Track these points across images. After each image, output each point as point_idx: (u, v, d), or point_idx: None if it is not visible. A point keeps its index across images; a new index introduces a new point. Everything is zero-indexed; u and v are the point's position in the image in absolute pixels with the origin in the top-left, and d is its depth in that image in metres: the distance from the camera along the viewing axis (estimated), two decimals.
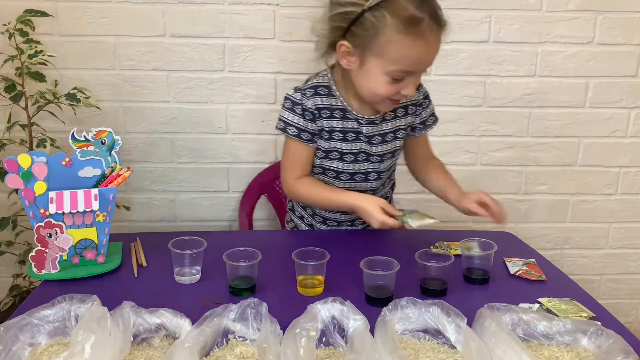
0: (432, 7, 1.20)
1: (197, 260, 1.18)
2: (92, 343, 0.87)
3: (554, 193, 2.03)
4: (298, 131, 1.38)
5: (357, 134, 1.38)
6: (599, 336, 0.95)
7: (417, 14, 1.17)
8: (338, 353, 0.95)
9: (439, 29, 1.22)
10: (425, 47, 1.21)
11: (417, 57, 1.22)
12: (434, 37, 1.21)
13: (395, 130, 1.42)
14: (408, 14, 1.17)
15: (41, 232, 1.18)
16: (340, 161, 1.41)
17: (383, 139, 1.41)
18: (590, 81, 1.92)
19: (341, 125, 1.38)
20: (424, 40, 1.20)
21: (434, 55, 1.25)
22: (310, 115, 1.37)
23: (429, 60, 1.25)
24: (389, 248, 1.37)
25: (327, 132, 1.38)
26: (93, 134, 1.24)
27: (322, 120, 1.37)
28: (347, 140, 1.39)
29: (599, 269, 2.12)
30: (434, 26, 1.20)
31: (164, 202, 1.97)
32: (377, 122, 1.39)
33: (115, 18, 1.79)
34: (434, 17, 1.19)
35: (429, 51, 1.23)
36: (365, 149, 1.40)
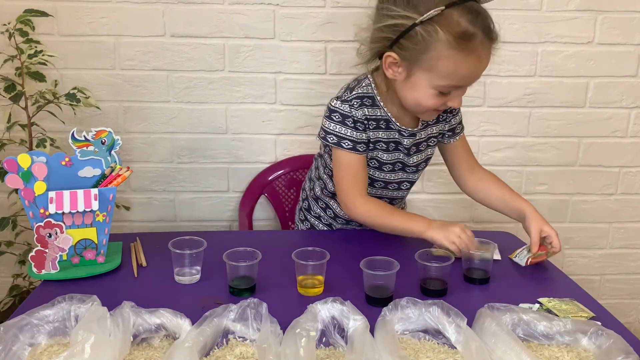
0: (486, 22, 1.17)
1: (197, 260, 1.18)
2: (92, 343, 0.87)
3: (554, 193, 2.03)
4: (353, 144, 1.33)
5: (396, 144, 1.38)
6: (599, 336, 0.95)
7: (471, 30, 1.15)
8: (338, 353, 0.95)
9: (491, 43, 1.20)
10: (477, 63, 1.19)
11: (468, 73, 1.20)
12: (485, 53, 1.19)
13: (428, 138, 1.42)
14: (461, 30, 1.15)
15: (41, 232, 1.18)
16: (378, 170, 1.40)
17: (418, 148, 1.41)
18: (590, 81, 1.92)
19: (385, 136, 1.36)
20: (475, 55, 1.18)
21: (484, 69, 1.23)
22: (362, 126, 1.33)
23: (479, 74, 1.23)
24: (389, 248, 1.37)
25: (373, 142, 1.36)
26: (93, 133, 1.24)
27: (369, 131, 1.35)
28: (389, 150, 1.38)
29: (599, 269, 2.12)
30: (487, 42, 1.18)
31: (163, 202, 1.97)
32: (416, 133, 1.38)
33: (115, 18, 1.79)
34: (487, 32, 1.17)
35: (480, 67, 1.21)
36: (403, 160, 1.40)
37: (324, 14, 1.82)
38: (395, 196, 1.48)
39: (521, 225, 2.04)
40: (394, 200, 1.50)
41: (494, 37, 1.20)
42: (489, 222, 2.03)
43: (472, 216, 2.03)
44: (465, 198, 2.01)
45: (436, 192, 2.01)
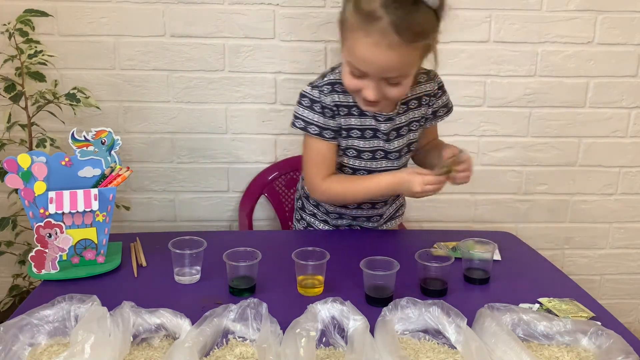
0: (404, 16, 1.10)
1: (197, 260, 1.18)
2: (92, 343, 0.87)
3: (554, 193, 2.03)
4: (319, 130, 1.34)
5: (374, 131, 1.36)
6: (599, 336, 0.95)
7: (377, 13, 1.10)
8: (338, 353, 0.95)
9: (399, 41, 1.11)
10: (374, 49, 1.13)
11: (363, 56, 1.15)
12: (386, 44, 1.12)
13: (409, 122, 1.40)
14: (368, 9, 1.12)
15: (41, 232, 1.18)
16: (357, 159, 1.39)
17: (398, 133, 1.39)
18: (590, 81, 1.92)
19: (359, 123, 1.35)
20: (373, 41, 1.12)
21: (383, 62, 1.15)
22: (330, 112, 1.34)
23: (378, 65, 1.16)
24: (389, 248, 1.37)
25: (345, 129, 1.36)
26: (93, 134, 1.24)
27: (340, 118, 1.35)
28: (365, 137, 1.37)
29: (599, 269, 2.12)
30: (392, 34, 1.11)
31: (163, 202, 1.97)
32: (394, 118, 1.36)
33: (115, 18, 1.78)
34: (395, 25, 1.10)
35: (377, 55, 1.14)
36: (383, 147, 1.38)
37: (324, 14, 1.82)
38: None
39: (521, 225, 2.05)
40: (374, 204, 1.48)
41: (406, 37, 1.11)
42: (489, 222, 2.03)
43: (472, 216, 2.03)
44: (465, 198, 2.02)
45: None
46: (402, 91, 1.24)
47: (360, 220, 1.51)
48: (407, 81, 1.23)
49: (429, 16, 1.14)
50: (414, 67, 1.21)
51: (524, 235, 1.92)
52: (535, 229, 2.06)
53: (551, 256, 2.04)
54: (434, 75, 1.41)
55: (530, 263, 1.32)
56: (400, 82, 1.21)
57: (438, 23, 1.17)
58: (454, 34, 1.85)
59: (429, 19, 1.14)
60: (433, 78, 1.41)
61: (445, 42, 1.84)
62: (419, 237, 1.51)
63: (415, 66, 1.22)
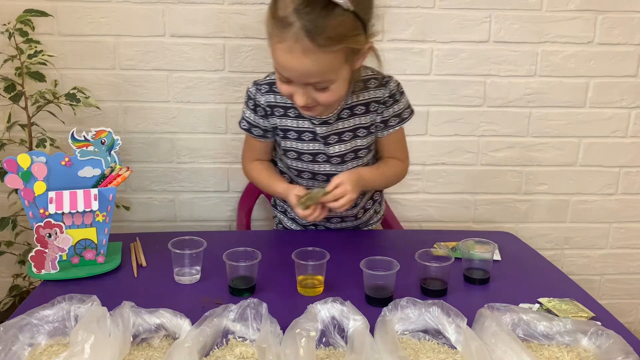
0: (315, 22, 1.07)
1: (197, 261, 1.18)
2: (91, 343, 0.87)
3: (554, 193, 2.03)
4: (249, 125, 1.40)
5: (313, 134, 1.35)
6: (599, 336, 0.95)
7: (290, 19, 1.08)
8: (338, 353, 0.94)
9: (312, 46, 1.08)
10: (287, 55, 1.11)
11: (281, 63, 1.14)
12: (299, 50, 1.09)
13: (355, 128, 1.35)
14: (281, 14, 1.09)
15: (41, 232, 1.18)
16: (298, 161, 1.39)
17: (340, 138, 1.35)
18: (590, 81, 1.92)
19: (296, 125, 1.35)
20: (286, 46, 1.10)
21: (299, 68, 1.12)
22: (262, 112, 1.35)
23: (295, 71, 1.14)
24: (389, 248, 1.37)
25: (282, 130, 1.36)
26: (93, 133, 1.24)
27: (274, 118, 1.35)
28: (304, 140, 1.36)
29: (599, 269, 2.12)
30: (305, 40, 1.08)
31: (163, 202, 1.97)
32: (332, 122, 1.33)
33: (115, 18, 1.78)
34: (308, 31, 1.07)
35: (290, 61, 1.12)
36: (323, 150, 1.36)
37: None
38: None
39: (521, 225, 2.05)
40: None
41: (318, 42, 1.08)
42: (489, 222, 2.03)
43: (472, 216, 2.03)
44: (465, 198, 2.01)
45: (436, 192, 2.01)
46: (332, 96, 1.19)
47: (334, 221, 1.50)
48: (335, 86, 1.17)
49: (345, 19, 1.09)
50: (337, 72, 1.15)
51: (524, 235, 1.92)
52: (535, 229, 2.06)
53: (551, 256, 2.04)
54: (387, 82, 1.35)
55: (530, 263, 1.32)
56: (328, 87, 1.17)
57: (359, 25, 1.12)
58: (454, 34, 1.85)
59: (345, 22, 1.09)
60: (385, 84, 1.35)
61: (445, 42, 1.86)
62: (419, 237, 1.51)
63: (340, 71, 1.16)
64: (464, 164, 1.98)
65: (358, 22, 1.11)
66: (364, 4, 1.13)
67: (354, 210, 1.48)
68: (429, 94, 1.90)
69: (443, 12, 1.83)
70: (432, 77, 1.89)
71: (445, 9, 1.83)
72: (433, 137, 1.95)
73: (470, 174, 1.99)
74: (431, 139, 1.95)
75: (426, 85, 1.90)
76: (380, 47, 1.83)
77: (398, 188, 1.99)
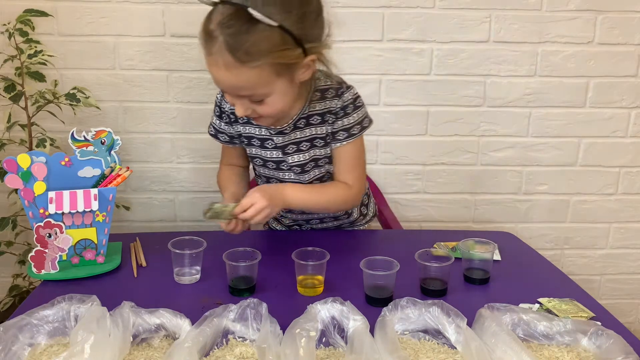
0: (236, 37, 1.07)
1: (197, 261, 1.18)
2: (91, 343, 0.87)
3: (554, 193, 2.03)
4: (215, 132, 1.41)
5: (274, 142, 1.35)
6: (599, 336, 0.95)
7: (215, 32, 1.08)
8: (338, 353, 0.94)
9: (233, 60, 1.08)
10: (214, 69, 1.12)
11: (212, 75, 1.14)
12: (223, 64, 1.09)
13: (312, 138, 1.33)
14: (207, 28, 1.10)
15: (41, 232, 1.18)
16: (264, 167, 1.39)
17: (298, 147, 1.34)
18: (590, 81, 1.92)
19: (258, 132, 1.35)
20: (212, 60, 1.11)
21: (225, 81, 1.13)
22: (227, 118, 1.37)
23: (222, 84, 1.15)
24: (389, 248, 1.37)
25: (246, 137, 1.37)
26: (92, 133, 1.24)
27: (238, 126, 1.36)
28: (266, 147, 1.36)
29: (599, 269, 2.12)
30: (226, 54, 1.08)
31: (163, 202, 1.97)
32: (288, 132, 1.32)
33: (115, 18, 1.78)
34: (229, 45, 1.07)
35: (216, 74, 1.13)
36: (283, 158, 1.36)
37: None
38: None
39: (521, 225, 2.05)
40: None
41: (240, 58, 1.07)
42: (489, 222, 2.03)
43: (472, 216, 2.03)
44: (465, 198, 2.02)
45: (436, 192, 2.01)
46: (270, 109, 1.18)
47: (313, 222, 1.50)
48: (272, 99, 1.16)
49: (269, 34, 1.07)
50: (268, 86, 1.14)
51: (524, 235, 1.92)
52: (535, 229, 2.06)
53: (551, 256, 2.04)
54: (342, 93, 1.30)
55: (530, 263, 1.32)
56: (263, 100, 1.16)
57: (290, 39, 1.09)
58: (454, 34, 1.85)
59: (269, 38, 1.07)
60: (340, 95, 1.30)
61: (445, 42, 1.86)
62: (419, 237, 1.51)
63: (271, 85, 1.14)
64: (464, 164, 1.98)
65: (287, 37, 1.09)
66: (296, 18, 1.10)
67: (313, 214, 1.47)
68: (429, 94, 1.90)
69: (443, 12, 1.83)
70: (432, 77, 1.89)
71: (445, 9, 1.83)
72: (433, 137, 1.95)
73: (470, 174, 1.99)
74: (431, 139, 1.95)
75: (426, 85, 1.90)
76: (380, 47, 1.85)
77: (398, 188, 1.99)
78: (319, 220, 1.49)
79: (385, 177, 1.97)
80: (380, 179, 1.96)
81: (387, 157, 1.96)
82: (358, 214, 1.51)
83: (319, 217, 1.48)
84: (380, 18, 1.83)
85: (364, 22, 1.83)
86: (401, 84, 1.89)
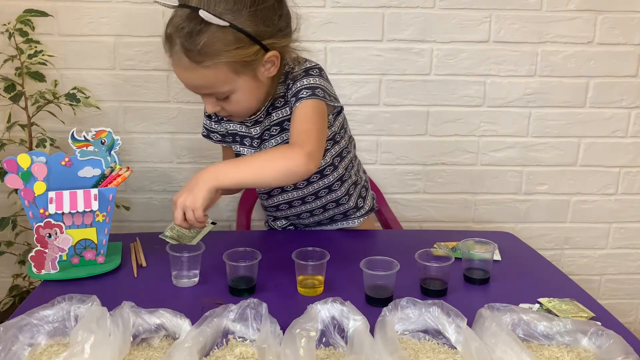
0: (189, 39, 1.11)
1: (195, 264, 1.18)
2: (91, 343, 0.87)
3: (554, 193, 2.03)
4: (207, 132, 1.43)
5: (251, 138, 1.36)
6: (599, 336, 0.95)
7: (173, 36, 1.13)
8: (338, 353, 0.94)
9: (189, 62, 1.12)
10: (175, 70, 1.17)
11: (176, 75, 1.18)
12: (182, 65, 1.14)
13: (281, 121, 1.32)
14: (166, 31, 1.15)
15: (41, 232, 1.18)
16: None
17: (269, 133, 1.34)
18: (590, 81, 1.92)
19: (239, 129, 1.37)
20: (174, 61, 1.16)
21: (187, 81, 1.18)
22: (215, 117, 1.39)
23: (186, 84, 1.19)
24: (389, 248, 1.37)
25: (231, 135, 1.39)
26: (93, 134, 1.24)
27: (225, 123, 1.38)
28: (246, 145, 1.37)
29: (599, 269, 2.12)
30: (183, 56, 1.13)
31: (164, 202, 1.97)
32: (262, 119, 1.33)
33: (115, 18, 1.78)
34: (184, 48, 1.12)
35: (178, 75, 1.18)
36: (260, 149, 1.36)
37: (324, 14, 1.82)
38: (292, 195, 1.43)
39: (521, 225, 2.05)
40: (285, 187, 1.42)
41: (194, 59, 1.11)
42: (489, 222, 2.03)
43: (472, 216, 2.03)
44: (465, 198, 2.02)
45: (436, 192, 2.01)
46: (237, 105, 1.22)
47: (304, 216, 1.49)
48: (237, 96, 1.19)
49: (221, 35, 1.10)
50: (228, 83, 1.16)
51: (524, 235, 1.92)
52: (535, 229, 2.06)
53: (551, 256, 2.04)
54: (291, 69, 1.28)
55: (530, 263, 1.32)
56: (228, 97, 1.19)
57: (243, 37, 1.12)
58: (454, 34, 1.85)
59: (221, 38, 1.10)
60: (289, 73, 1.29)
61: (445, 42, 1.86)
62: (419, 237, 1.51)
63: (232, 82, 1.16)
64: (464, 164, 1.98)
65: (241, 36, 1.12)
66: (248, 16, 1.12)
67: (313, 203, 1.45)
68: (429, 94, 1.90)
69: (443, 12, 1.83)
70: (432, 77, 1.89)
71: (445, 9, 1.83)
72: (433, 137, 1.95)
73: (470, 174, 1.99)
74: (431, 139, 1.95)
75: (426, 85, 1.90)
76: (380, 47, 1.85)
77: (398, 188, 1.99)
78: (309, 214, 1.47)
79: (385, 177, 1.98)
80: (380, 179, 1.96)
81: (387, 157, 1.96)
82: (353, 204, 1.49)
83: (309, 210, 1.46)
84: (380, 18, 1.83)
85: (364, 22, 1.83)
86: (401, 84, 1.89)
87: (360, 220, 1.52)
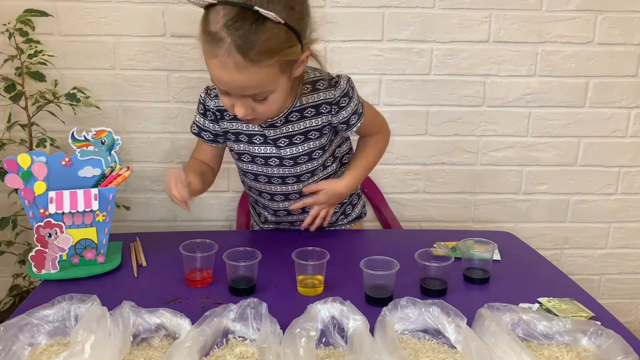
0: (246, 37, 1.06)
1: (208, 263, 1.17)
2: (92, 343, 0.87)
3: (554, 193, 2.03)
4: (199, 130, 1.40)
5: (264, 137, 1.34)
6: (599, 336, 0.95)
7: (220, 34, 1.07)
8: (338, 353, 0.95)
9: (244, 61, 1.07)
10: (221, 71, 1.11)
11: (216, 77, 1.13)
12: (232, 65, 1.08)
13: (307, 131, 1.33)
14: (211, 30, 1.08)
15: (41, 232, 1.18)
16: (252, 164, 1.38)
17: (291, 141, 1.33)
18: (590, 81, 1.92)
19: (246, 128, 1.34)
20: (219, 62, 1.09)
21: (233, 82, 1.12)
22: (212, 116, 1.36)
23: (230, 85, 1.13)
24: (389, 248, 1.37)
25: (233, 134, 1.36)
26: (93, 133, 1.24)
27: (224, 122, 1.36)
28: (255, 143, 1.35)
29: (599, 269, 2.13)
30: (236, 55, 1.07)
31: (164, 202, 1.97)
32: (279, 125, 1.31)
33: (115, 18, 1.79)
34: (239, 47, 1.06)
35: (224, 76, 1.11)
36: (277, 153, 1.35)
37: (324, 14, 1.82)
38: (289, 191, 1.42)
39: (521, 225, 2.05)
40: (290, 195, 1.43)
41: (251, 58, 1.07)
42: (489, 222, 2.03)
43: (472, 216, 2.04)
44: (465, 198, 2.02)
45: (436, 192, 2.01)
46: (271, 106, 1.19)
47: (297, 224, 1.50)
48: (274, 96, 1.17)
49: (277, 32, 1.08)
50: (274, 83, 1.14)
51: (524, 235, 1.91)
52: (535, 229, 2.06)
53: (551, 256, 2.04)
54: (336, 83, 1.32)
55: (530, 263, 1.32)
56: (267, 97, 1.16)
57: (293, 36, 1.10)
58: (454, 34, 1.85)
59: (277, 36, 1.08)
60: (335, 85, 1.31)
61: (445, 42, 1.86)
62: (419, 237, 1.51)
63: (277, 82, 1.15)
64: (464, 164, 1.98)
65: (291, 34, 1.10)
66: (297, 15, 1.11)
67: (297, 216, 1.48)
68: (429, 94, 1.90)
69: (443, 12, 1.83)
70: (432, 77, 1.89)
71: (445, 9, 1.83)
72: (433, 137, 1.95)
73: (470, 173, 1.99)
74: (431, 139, 1.95)
75: (426, 85, 1.90)
76: (380, 47, 1.85)
77: (398, 188, 1.99)
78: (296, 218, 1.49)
79: (385, 177, 1.98)
80: (380, 179, 1.96)
81: (386, 157, 1.96)
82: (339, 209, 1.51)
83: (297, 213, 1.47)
84: (380, 18, 1.83)
85: (364, 22, 1.83)
86: (401, 84, 1.89)
87: (347, 227, 1.54)
